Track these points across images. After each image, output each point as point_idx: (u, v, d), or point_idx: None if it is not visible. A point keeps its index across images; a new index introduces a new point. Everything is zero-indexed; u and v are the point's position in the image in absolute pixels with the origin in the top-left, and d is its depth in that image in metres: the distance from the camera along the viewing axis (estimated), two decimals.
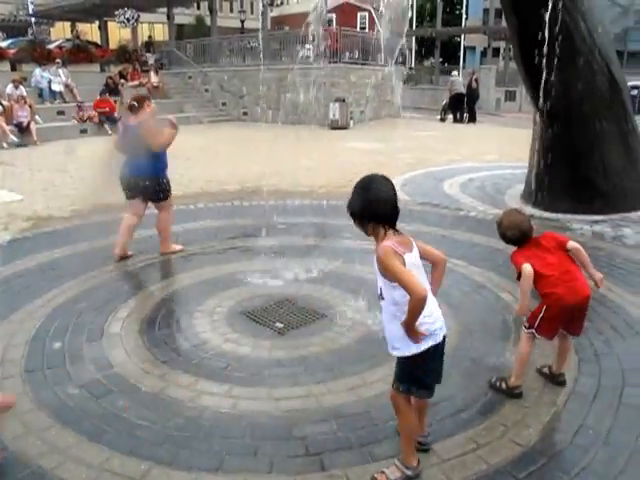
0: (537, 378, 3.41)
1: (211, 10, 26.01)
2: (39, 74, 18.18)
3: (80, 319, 4.16)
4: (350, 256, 5.47)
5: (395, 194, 2.40)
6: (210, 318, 4.21)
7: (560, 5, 5.29)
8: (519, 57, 7.15)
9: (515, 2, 6.70)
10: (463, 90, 21.63)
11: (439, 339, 2.43)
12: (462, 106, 21.76)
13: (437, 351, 2.45)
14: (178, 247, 5.73)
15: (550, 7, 4.85)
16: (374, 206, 2.36)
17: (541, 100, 6.41)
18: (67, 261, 5.42)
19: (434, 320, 2.41)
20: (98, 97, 17.69)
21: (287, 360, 3.61)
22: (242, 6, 42.87)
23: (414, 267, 2.37)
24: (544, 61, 5.35)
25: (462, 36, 43.43)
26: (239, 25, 34.81)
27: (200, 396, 3.20)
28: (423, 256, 2.50)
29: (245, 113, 21.01)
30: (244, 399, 3.17)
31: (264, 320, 4.16)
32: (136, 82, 20.68)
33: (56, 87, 18.13)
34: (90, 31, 34.38)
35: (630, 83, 29.08)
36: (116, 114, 17.51)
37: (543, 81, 5.67)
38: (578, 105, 6.94)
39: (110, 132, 16.86)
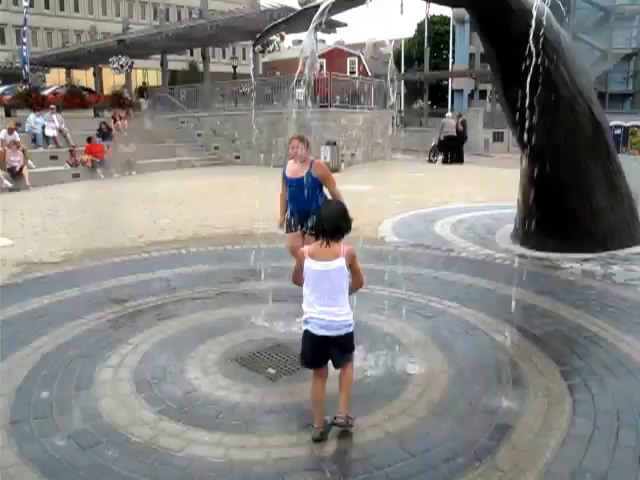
0: (534, 419, 3.38)
1: (204, 57, 26.59)
2: (33, 120, 18.40)
3: (69, 367, 4.10)
4: None
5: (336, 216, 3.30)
6: (202, 364, 4.16)
7: (542, 53, 5.45)
8: (504, 101, 7.32)
9: (498, 50, 6.90)
10: (454, 132, 22.03)
11: (311, 329, 3.19)
12: (452, 148, 22.13)
13: (307, 337, 3.23)
14: None
15: (533, 55, 5.00)
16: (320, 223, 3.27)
17: (527, 142, 6.53)
18: (57, 307, 5.38)
19: (310, 315, 3.18)
20: (91, 142, 17.88)
21: (279, 407, 3.56)
22: (234, 53, 43.81)
23: (307, 269, 3.20)
24: (528, 106, 5.48)
25: (449, 79, 44.48)
26: (231, 70, 35.49)
27: (190, 445, 3.14)
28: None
29: (237, 157, 21.25)
30: (235, 448, 3.12)
31: (256, 366, 4.12)
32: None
33: (49, 132, 18.33)
34: (84, 77, 34.99)
35: (612, 123, 29.74)
36: (105, 157, 17.69)
37: (528, 124, 5.79)
38: (563, 146, 7.07)
39: (102, 176, 17.02)
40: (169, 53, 27.63)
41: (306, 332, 3.22)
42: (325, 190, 5.32)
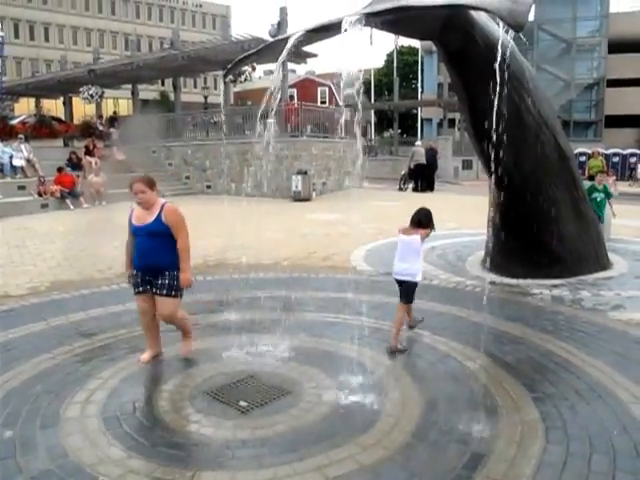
0: (507, 447, 3.38)
1: (175, 86, 26.64)
2: (0, 149, 18.12)
3: (35, 404, 3.98)
4: (314, 330, 5.45)
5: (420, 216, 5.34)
6: (172, 398, 4.08)
7: (507, 84, 5.61)
8: (472, 131, 7.47)
9: (465, 81, 7.07)
10: (424, 160, 22.38)
11: (393, 274, 5.24)
12: (422, 176, 22.45)
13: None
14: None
15: (498, 86, 5.14)
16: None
17: (494, 171, 6.67)
18: (23, 341, 5.23)
19: (394, 267, 5.24)
20: (62, 172, 17.67)
21: (251, 441, 3.50)
22: (205, 82, 43.97)
23: (398, 240, 5.24)
24: (495, 135, 5.61)
25: (419, 108, 45.37)
26: (203, 100, 35.61)
27: None
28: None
29: (209, 186, 21.20)
30: None
31: (228, 399, 4.05)
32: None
33: (17, 162, 18.06)
34: (54, 106, 34.71)
35: (577, 150, 30.46)
36: (78, 189, 17.48)
37: (495, 153, 5.92)
38: (530, 174, 7.23)
39: (72, 207, 16.78)
40: (140, 83, 27.59)
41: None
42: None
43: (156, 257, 4.47)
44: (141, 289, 4.62)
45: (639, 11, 47.77)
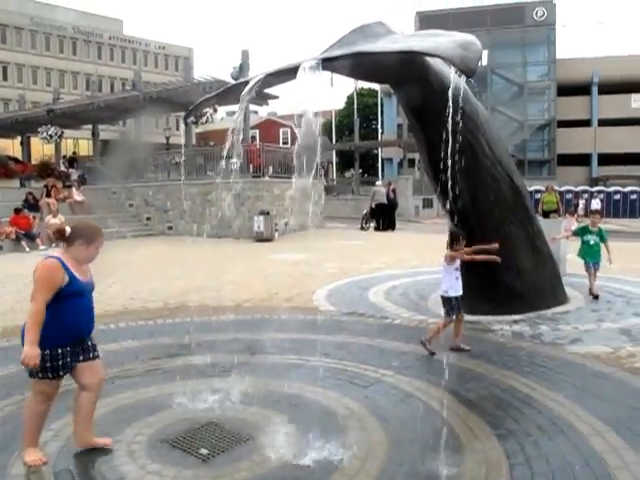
0: None
1: (136, 127, 26.58)
2: None
3: None
4: (276, 372, 5.37)
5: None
6: (129, 448, 3.92)
7: (462, 126, 5.79)
8: (430, 171, 7.64)
9: (422, 124, 7.26)
10: (385, 200, 22.73)
11: None
12: (383, 215, 22.77)
13: None
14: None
15: (452, 127, 5.31)
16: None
17: (452, 209, 6.81)
18: None
19: None
20: (20, 213, 17.30)
21: None
22: (167, 123, 44.08)
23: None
24: (451, 175, 5.76)
25: (379, 149, 46.25)
26: (164, 141, 35.58)
27: None
28: None
29: (170, 227, 21.01)
30: None
31: (188, 447, 3.92)
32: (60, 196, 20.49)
33: None
34: (11, 146, 34.16)
35: (532, 188, 31.30)
36: (34, 230, 17.11)
37: (452, 192, 6.05)
38: (487, 212, 7.40)
39: (27, 249, 16.37)
40: (101, 123, 27.44)
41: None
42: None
43: (92, 321, 3.83)
44: (67, 370, 3.68)
45: (581, 58, 50.46)
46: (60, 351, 3.58)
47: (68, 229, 3.68)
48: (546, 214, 18.41)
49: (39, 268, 3.53)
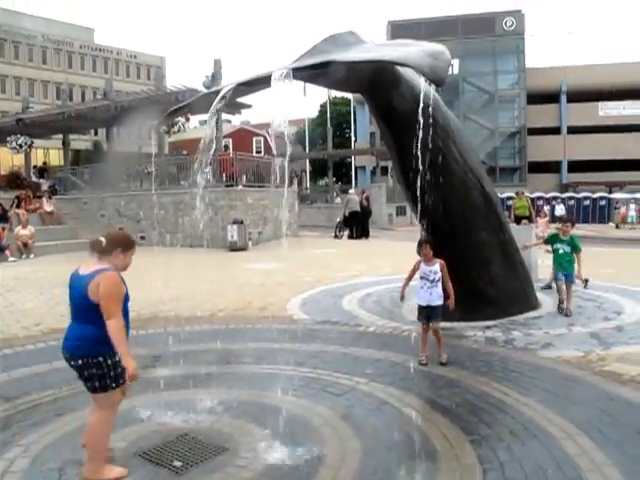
0: None
1: (108, 136, 26.33)
2: None
3: None
4: (250, 382, 5.33)
5: None
6: None
7: (434, 134, 5.87)
8: (402, 180, 7.69)
9: (393, 132, 7.33)
10: (358, 208, 22.82)
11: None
12: (357, 223, 22.85)
13: None
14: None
15: (422, 135, 5.38)
16: None
17: (424, 216, 6.88)
18: None
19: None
20: None
21: None
22: (139, 132, 43.70)
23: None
24: (423, 183, 5.82)
25: (352, 157, 46.50)
26: (137, 150, 35.24)
27: None
28: None
29: (142, 237, 20.76)
30: None
31: (161, 459, 3.86)
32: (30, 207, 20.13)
33: None
34: None
35: (503, 195, 31.57)
36: (3, 242, 16.77)
37: (424, 200, 6.12)
38: (458, 219, 7.48)
39: None
40: (72, 133, 27.13)
41: None
42: None
43: None
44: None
45: (550, 67, 51.57)
46: (117, 356, 3.69)
47: (103, 240, 3.78)
48: (518, 220, 18.56)
49: (107, 283, 3.57)
